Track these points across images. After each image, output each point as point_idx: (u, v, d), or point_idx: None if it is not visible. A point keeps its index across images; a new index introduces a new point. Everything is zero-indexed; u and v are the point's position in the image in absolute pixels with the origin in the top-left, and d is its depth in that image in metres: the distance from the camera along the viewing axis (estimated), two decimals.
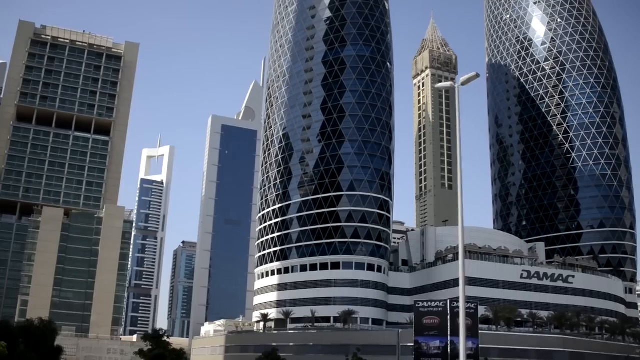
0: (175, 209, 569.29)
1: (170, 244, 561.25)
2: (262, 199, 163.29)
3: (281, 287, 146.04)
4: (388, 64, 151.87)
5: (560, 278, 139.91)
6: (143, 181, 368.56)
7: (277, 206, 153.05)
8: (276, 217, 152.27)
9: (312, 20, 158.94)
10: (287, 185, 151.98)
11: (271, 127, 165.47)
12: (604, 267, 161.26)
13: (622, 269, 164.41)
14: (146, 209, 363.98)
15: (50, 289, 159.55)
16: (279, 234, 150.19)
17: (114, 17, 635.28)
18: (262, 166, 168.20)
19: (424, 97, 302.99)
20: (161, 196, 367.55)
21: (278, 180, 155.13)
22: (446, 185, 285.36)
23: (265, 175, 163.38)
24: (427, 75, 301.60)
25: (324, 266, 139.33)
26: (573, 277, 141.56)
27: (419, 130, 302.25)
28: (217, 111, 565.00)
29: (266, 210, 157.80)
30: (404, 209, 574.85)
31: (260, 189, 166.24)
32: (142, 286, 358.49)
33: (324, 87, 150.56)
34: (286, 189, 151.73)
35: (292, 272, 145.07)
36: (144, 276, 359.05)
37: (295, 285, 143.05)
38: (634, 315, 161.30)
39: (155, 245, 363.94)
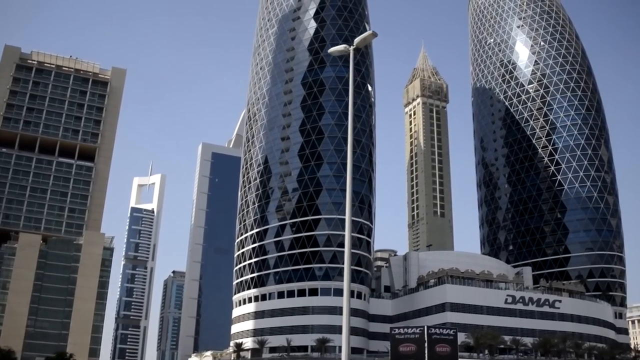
0: (166, 238, 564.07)
1: (161, 274, 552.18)
2: (240, 223, 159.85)
3: (258, 315, 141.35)
4: (368, 85, 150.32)
5: (547, 303, 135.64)
6: (133, 210, 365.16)
7: (254, 231, 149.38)
8: (254, 242, 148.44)
9: (292, 42, 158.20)
10: (265, 209, 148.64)
11: (250, 149, 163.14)
12: (593, 292, 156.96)
13: (610, 293, 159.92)
14: (136, 238, 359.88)
15: (25, 318, 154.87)
16: (256, 259, 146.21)
17: (103, 44, 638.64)
18: (241, 190, 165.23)
19: (415, 125, 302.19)
20: (152, 225, 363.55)
21: (256, 204, 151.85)
22: (438, 213, 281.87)
23: (244, 199, 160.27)
24: (418, 104, 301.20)
25: (301, 293, 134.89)
26: (560, 301, 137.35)
27: (411, 158, 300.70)
28: (209, 139, 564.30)
29: (244, 235, 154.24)
30: (397, 237, 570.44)
31: (239, 213, 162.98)
32: (131, 317, 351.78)
33: (302, 109, 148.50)
34: (264, 212, 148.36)
35: (269, 299, 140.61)
36: (132, 306, 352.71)
37: (272, 313, 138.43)
38: (625, 341, 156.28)
39: (145, 275, 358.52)
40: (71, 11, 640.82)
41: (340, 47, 30.76)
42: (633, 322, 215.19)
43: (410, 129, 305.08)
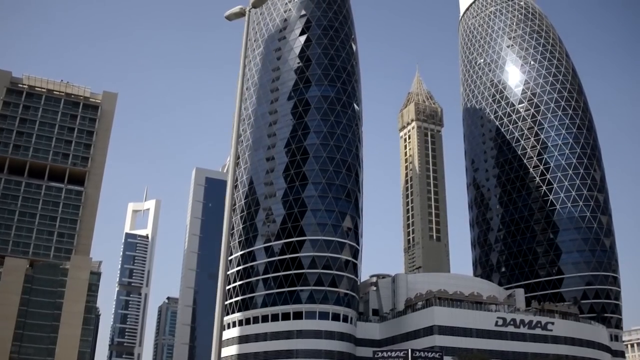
0: (161, 264, 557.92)
1: (155, 300, 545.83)
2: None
3: (242, 339, 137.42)
4: (355, 105, 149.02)
5: (539, 325, 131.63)
6: (127, 235, 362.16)
7: (239, 253, 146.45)
8: (238, 265, 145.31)
9: (277, 61, 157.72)
10: (249, 231, 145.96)
11: (235, 171, 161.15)
12: (588, 314, 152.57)
13: (606, 315, 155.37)
14: (130, 264, 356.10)
15: (9, 344, 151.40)
16: (240, 282, 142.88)
17: (95, 68, 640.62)
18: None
19: (410, 149, 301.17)
20: (146, 251, 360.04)
21: (241, 226, 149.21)
22: (434, 237, 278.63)
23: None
24: (412, 128, 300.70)
25: (285, 316, 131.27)
26: (552, 323, 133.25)
27: (406, 182, 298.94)
28: (205, 163, 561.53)
29: (229, 258, 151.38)
30: (394, 262, 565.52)
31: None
32: (125, 344, 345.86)
33: (287, 129, 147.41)
34: (249, 234, 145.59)
35: (254, 323, 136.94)
36: (126, 333, 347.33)
37: (257, 338, 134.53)
38: None
39: (139, 302, 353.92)
40: (63, 35, 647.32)
41: (236, 8, 29.54)
42: (632, 345, 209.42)
43: (406, 153, 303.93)
